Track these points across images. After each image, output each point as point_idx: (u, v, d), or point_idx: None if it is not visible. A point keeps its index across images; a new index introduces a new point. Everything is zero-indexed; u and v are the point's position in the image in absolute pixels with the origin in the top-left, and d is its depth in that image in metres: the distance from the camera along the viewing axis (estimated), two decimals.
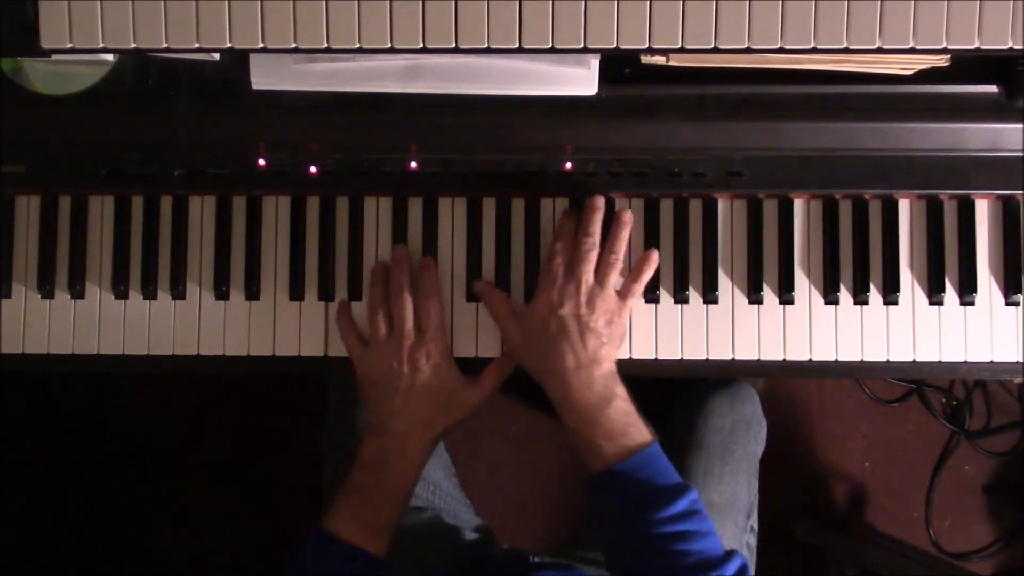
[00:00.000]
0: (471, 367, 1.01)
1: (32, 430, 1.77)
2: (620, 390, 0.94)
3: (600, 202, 0.98)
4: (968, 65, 0.98)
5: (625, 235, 0.98)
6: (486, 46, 0.89)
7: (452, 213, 1.03)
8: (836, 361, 1.02)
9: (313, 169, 1.00)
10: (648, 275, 0.99)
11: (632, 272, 0.99)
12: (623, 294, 0.98)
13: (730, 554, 0.87)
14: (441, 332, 0.98)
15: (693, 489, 0.89)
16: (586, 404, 0.92)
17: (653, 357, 1.02)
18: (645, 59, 0.98)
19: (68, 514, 1.78)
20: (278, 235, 1.03)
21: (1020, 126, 0.98)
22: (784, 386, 1.77)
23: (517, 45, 0.89)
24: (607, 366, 0.94)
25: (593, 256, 0.96)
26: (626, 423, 0.92)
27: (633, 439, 0.91)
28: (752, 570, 1.17)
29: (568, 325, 0.94)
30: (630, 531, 0.89)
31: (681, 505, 0.87)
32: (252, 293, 1.03)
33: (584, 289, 0.95)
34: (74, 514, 1.78)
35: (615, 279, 0.97)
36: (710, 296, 1.02)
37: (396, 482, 0.95)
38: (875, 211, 1.03)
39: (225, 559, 1.78)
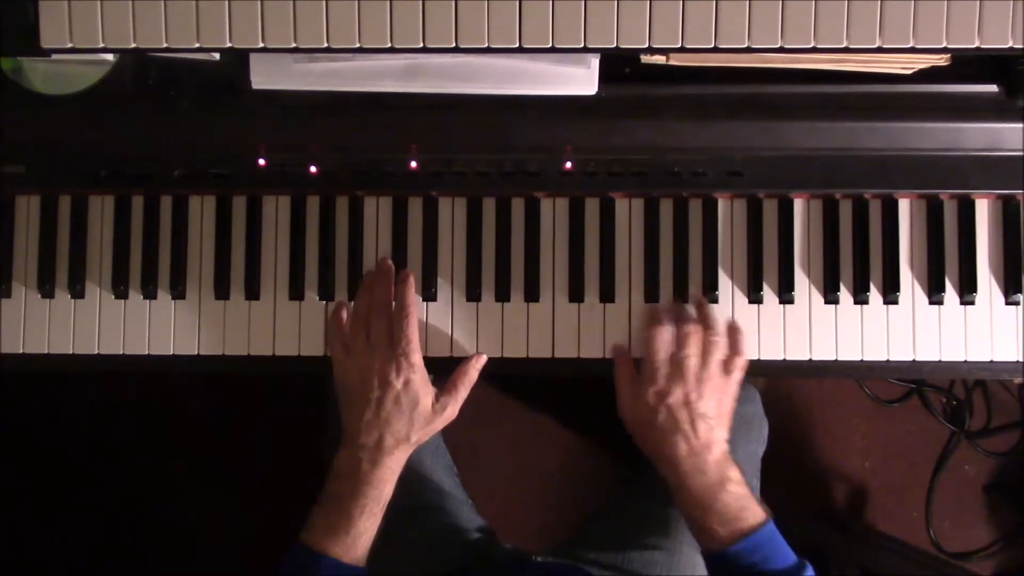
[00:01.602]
0: None
1: (32, 430, 1.77)
2: (734, 473, 0.95)
3: (680, 302, 1.01)
4: (968, 65, 0.98)
5: (714, 313, 1.00)
6: (486, 46, 0.89)
7: (452, 213, 1.03)
8: (836, 361, 1.02)
9: (313, 169, 1.00)
10: (744, 344, 0.99)
11: (732, 347, 0.99)
12: (728, 370, 0.98)
13: None
14: (414, 346, 0.97)
15: (808, 567, 0.91)
16: (701, 489, 0.94)
17: None
18: (645, 59, 0.98)
19: (66, 514, 1.78)
20: (278, 235, 1.03)
21: (1020, 126, 0.98)
22: (784, 386, 1.77)
23: (517, 45, 0.89)
24: (719, 449, 0.95)
25: (696, 340, 0.97)
26: (740, 506, 0.93)
27: (747, 522, 0.92)
28: None
29: (678, 415, 0.95)
30: None
31: None
32: (252, 293, 1.03)
33: (691, 375, 0.96)
34: (73, 514, 1.78)
35: (719, 358, 0.98)
36: (710, 296, 1.02)
37: (370, 492, 0.95)
38: (875, 211, 1.03)
39: (224, 559, 1.78)
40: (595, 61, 0.96)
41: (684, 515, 0.96)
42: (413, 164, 1.00)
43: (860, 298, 1.02)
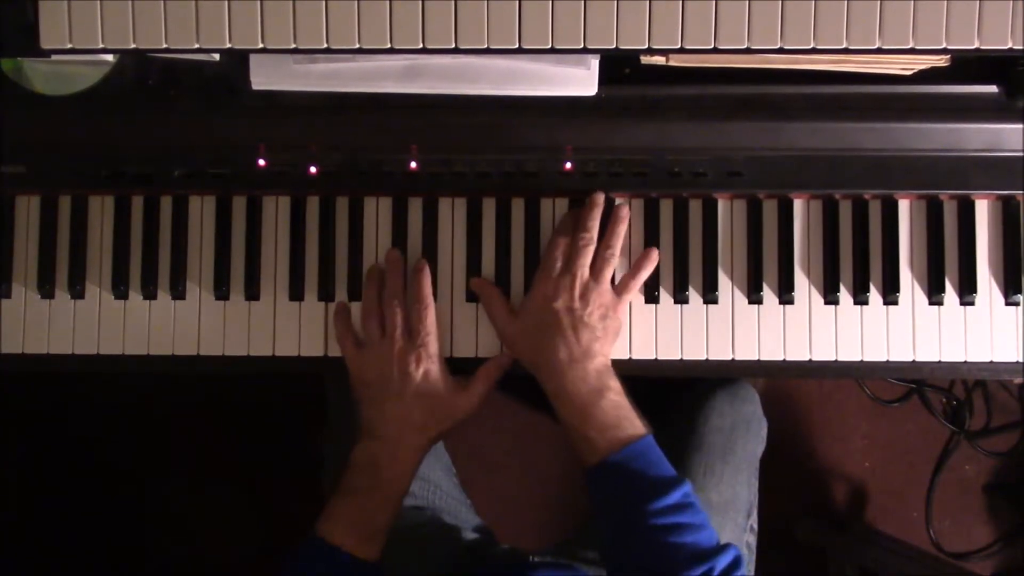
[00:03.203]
0: (471, 367, 1.01)
1: (32, 430, 1.77)
2: (614, 383, 0.94)
3: (600, 198, 0.99)
4: (968, 65, 0.98)
5: (622, 230, 0.99)
6: (486, 46, 0.89)
7: (452, 213, 1.03)
8: (836, 361, 1.02)
9: (313, 169, 1.00)
10: (646, 272, 1.00)
11: (631, 268, 1.00)
12: (620, 289, 0.98)
13: (723, 547, 0.87)
14: (433, 337, 0.98)
15: (687, 482, 0.89)
16: (579, 397, 0.92)
17: (653, 357, 1.02)
18: (645, 59, 0.98)
19: (66, 514, 1.78)
20: (278, 235, 1.03)
21: (1020, 126, 0.98)
22: (784, 386, 1.77)
23: (517, 45, 0.89)
24: (600, 360, 0.95)
25: (590, 251, 0.97)
26: (619, 415, 0.92)
27: (626, 431, 0.91)
28: (752, 569, 1.18)
29: (562, 318, 0.94)
30: (623, 523, 0.89)
31: (674, 497, 0.87)
32: (252, 293, 1.03)
33: (579, 283, 0.95)
34: (73, 514, 1.78)
35: (610, 274, 0.98)
36: (710, 296, 1.02)
37: (388, 486, 0.95)
38: (875, 211, 1.03)
39: (225, 559, 1.78)
40: (595, 62, 0.96)
41: (563, 427, 0.94)
42: (413, 164, 1.00)
43: (860, 298, 1.02)
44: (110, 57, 0.98)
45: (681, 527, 0.86)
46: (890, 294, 1.02)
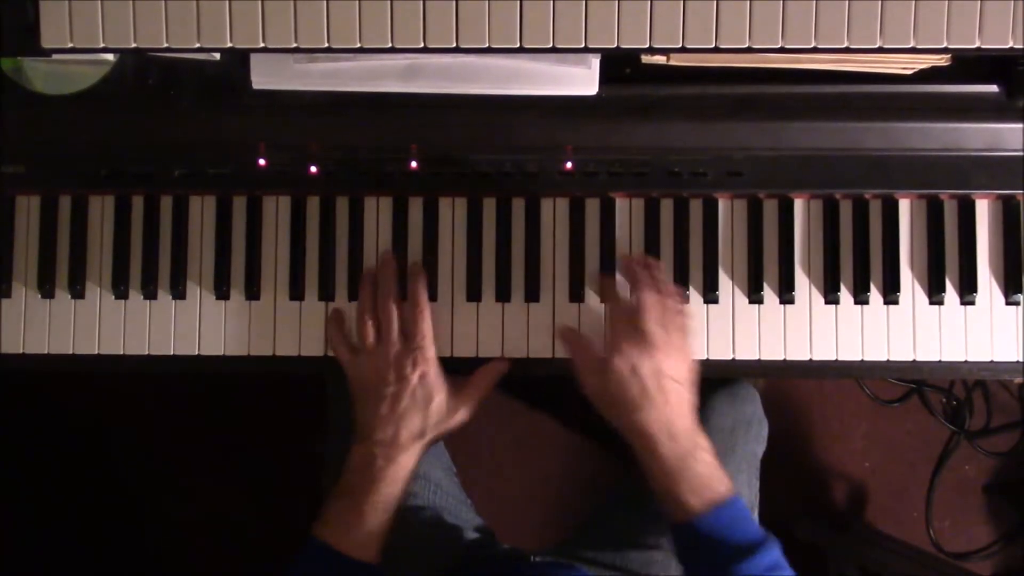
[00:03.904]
0: (471, 367, 1.01)
1: (32, 430, 1.77)
2: (703, 441, 0.93)
3: (649, 259, 0.99)
4: (968, 65, 0.98)
5: (665, 276, 0.98)
6: (486, 46, 0.89)
7: (452, 213, 1.03)
8: (836, 361, 1.02)
9: (313, 169, 1.00)
10: (685, 301, 1.00)
11: (665, 312, 0.97)
12: (685, 330, 0.97)
13: None
14: (429, 340, 0.98)
15: (777, 543, 0.90)
16: (671, 459, 0.92)
17: None
18: (646, 59, 0.98)
19: (67, 514, 1.78)
20: (278, 235, 1.03)
21: (1020, 126, 0.98)
22: (784, 386, 1.77)
23: (518, 45, 0.89)
24: (690, 417, 0.94)
25: (654, 306, 0.94)
26: (710, 475, 0.92)
27: (716, 491, 0.91)
28: None
29: (648, 383, 0.92)
30: None
31: (765, 560, 0.87)
32: (252, 293, 1.03)
33: (656, 343, 0.93)
34: (73, 514, 1.78)
35: (680, 321, 0.96)
36: (710, 296, 1.02)
37: (384, 489, 0.95)
38: (875, 211, 1.03)
39: (225, 559, 1.78)
40: (596, 61, 0.96)
41: (652, 485, 0.94)
42: (413, 164, 1.00)
43: (860, 298, 1.02)
44: (110, 57, 0.98)
45: None
46: (890, 294, 1.02)
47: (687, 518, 0.90)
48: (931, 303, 1.02)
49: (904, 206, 1.03)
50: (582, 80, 0.97)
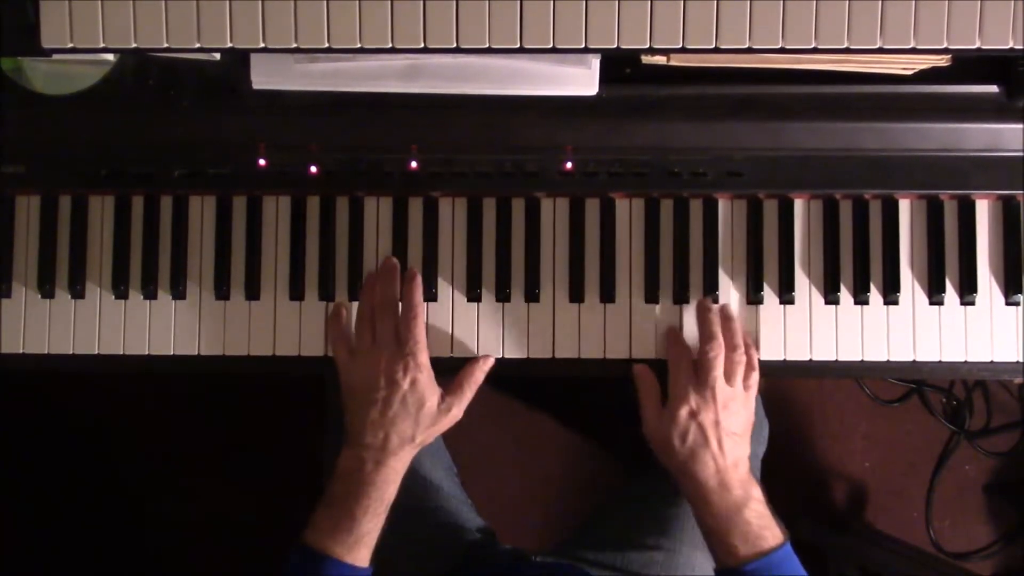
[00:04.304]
0: None
1: (32, 430, 1.77)
2: (756, 492, 0.96)
3: (710, 303, 1.00)
4: (968, 65, 0.98)
5: (739, 327, 1.00)
6: (487, 46, 0.89)
7: (452, 213, 1.03)
8: (836, 361, 1.02)
9: (313, 169, 1.00)
10: (757, 359, 1.00)
11: (749, 362, 0.99)
12: (747, 386, 0.99)
13: None
14: (422, 346, 0.97)
15: None
16: (725, 508, 0.94)
17: (654, 357, 1.02)
18: (646, 59, 0.98)
19: (67, 514, 1.78)
20: (278, 235, 1.03)
21: (1020, 126, 0.98)
22: (784, 386, 1.77)
23: (518, 45, 0.89)
24: (743, 467, 0.97)
25: (722, 359, 0.97)
26: (761, 525, 0.94)
27: (768, 541, 0.93)
28: None
29: (708, 434, 0.95)
30: None
31: None
32: (252, 293, 1.03)
33: (719, 396, 0.96)
34: (73, 514, 1.78)
35: (743, 375, 0.98)
36: (710, 296, 1.02)
37: (374, 493, 0.95)
38: (875, 211, 1.03)
39: (225, 559, 1.78)
40: (596, 61, 0.96)
41: (704, 530, 0.97)
42: (413, 164, 1.00)
43: (860, 298, 1.02)
44: (110, 57, 0.98)
45: None
46: (890, 294, 1.02)
47: (736, 564, 0.93)
48: (931, 303, 1.02)
49: (904, 206, 1.03)
50: (582, 80, 0.97)
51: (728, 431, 0.96)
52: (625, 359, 1.02)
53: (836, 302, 1.02)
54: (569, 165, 1.00)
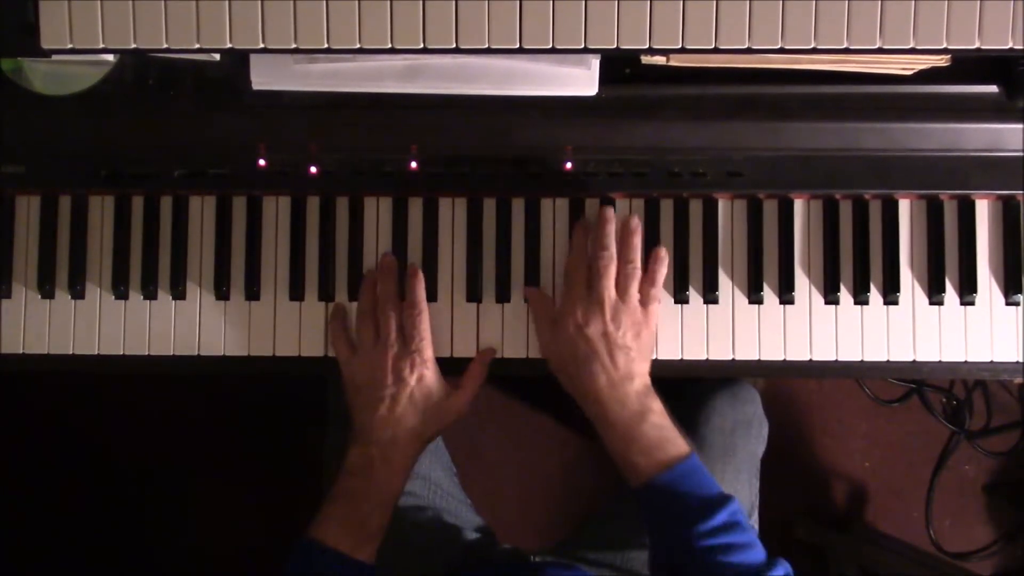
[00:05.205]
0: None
1: (32, 430, 1.77)
2: (655, 404, 0.94)
3: (611, 213, 0.98)
4: (968, 65, 0.98)
5: (638, 242, 0.98)
6: (486, 46, 0.89)
7: (452, 213, 1.03)
8: (836, 361, 1.02)
9: (313, 169, 1.00)
10: (662, 274, 0.99)
11: (647, 276, 0.98)
12: (644, 301, 0.97)
13: (772, 562, 0.87)
14: (427, 342, 0.98)
15: (733, 500, 0.90)
16: (622, 422, 0.93)
17: (653, 357, 1.02)
18: (645, 59, 0.98)
19: (67, 514, 1.78)
20: (278, 235, 1.03)
21: (1020, 126, 0.98)
22: (784, 386, 1.77)
23: (517, 45, 0.89)
24: (640, 381, 0.94)
25: (612, 269, 0.96)
26: (662, 437, 0.92)
27: (669, 452, 0.91)
28: None
29: (597, 346, 0.94)
30: (672, 544, 0.90)
31: (720, 517, 0.87)
32: (252, 293, 1.03)
33: (608, 306, 0.95)
34: (73, 514, 1.78)
35: (636, 288, 0.97)
36: (710, 296, 1.02)
37: (382, 489, 0.96)
38: (875, 211, 1.03)
39: (225, 559, 1.78)
40: (595, 62, 0.96)
41: (609, 452, 0.95)
42: (413, 164, 1.00)
43: (860, 298, 1.02)
44: (110, 57, 0.98)
45: (729, 547, 0.87)
46: (890, 294, 1.02)
47: (643, 481, 0.91)
48: (931, 303, 1.02)
49: (904, 206, 1.03)
50: (582, 80, 0.97)
51: (618, 343, 0.94)
52: None
53: (836, 302, 1.02)
54: (569, 165, 1.00)
